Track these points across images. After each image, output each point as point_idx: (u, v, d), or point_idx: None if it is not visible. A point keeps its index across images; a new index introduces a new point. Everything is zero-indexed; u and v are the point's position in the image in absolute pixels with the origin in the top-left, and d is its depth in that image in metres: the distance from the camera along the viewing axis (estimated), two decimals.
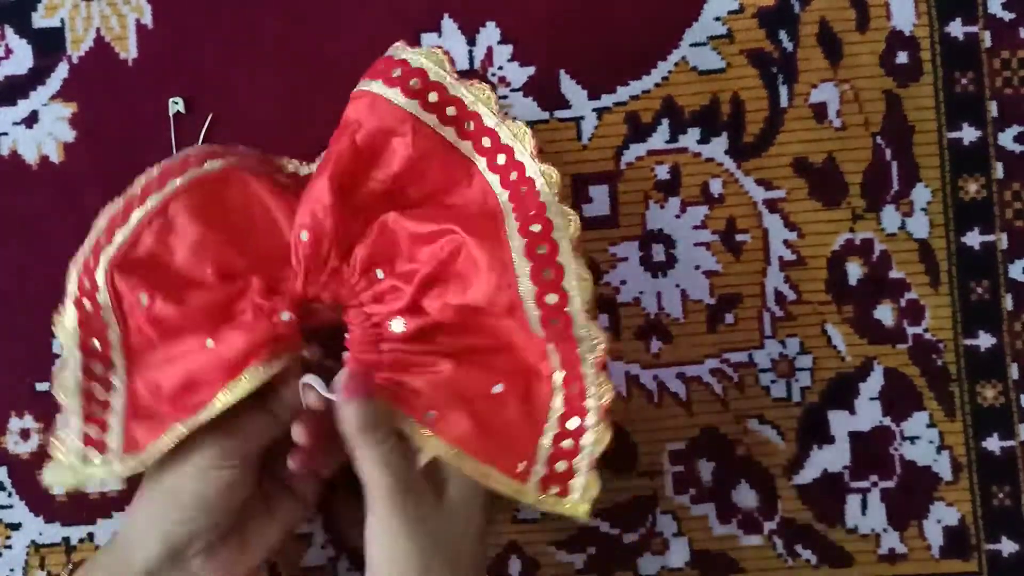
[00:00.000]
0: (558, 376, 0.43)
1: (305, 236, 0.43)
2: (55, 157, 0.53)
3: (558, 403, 0.44)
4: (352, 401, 0.40)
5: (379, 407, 0.41)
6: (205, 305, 0.43)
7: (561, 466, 0.43)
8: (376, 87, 0.45)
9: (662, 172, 0.53)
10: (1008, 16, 0.52)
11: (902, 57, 0.53)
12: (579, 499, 0.43)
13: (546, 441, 0.43)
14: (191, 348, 0.42)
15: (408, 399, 0.43)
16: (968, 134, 0.52)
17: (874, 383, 0.52)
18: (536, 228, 0.42)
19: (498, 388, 0.43)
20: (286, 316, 0.43)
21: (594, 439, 0.43)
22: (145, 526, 0.42)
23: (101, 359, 0.44)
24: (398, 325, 0.43)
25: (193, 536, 0.41)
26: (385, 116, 0.44)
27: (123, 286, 0.43)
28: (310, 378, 0.42)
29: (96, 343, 0.44)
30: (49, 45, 0.53)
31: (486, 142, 0.45)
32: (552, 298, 0.41)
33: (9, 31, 0.53)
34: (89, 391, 0.43)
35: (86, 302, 0.44)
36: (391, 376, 0.43)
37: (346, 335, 0.45)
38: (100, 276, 0.43)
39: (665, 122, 0.53)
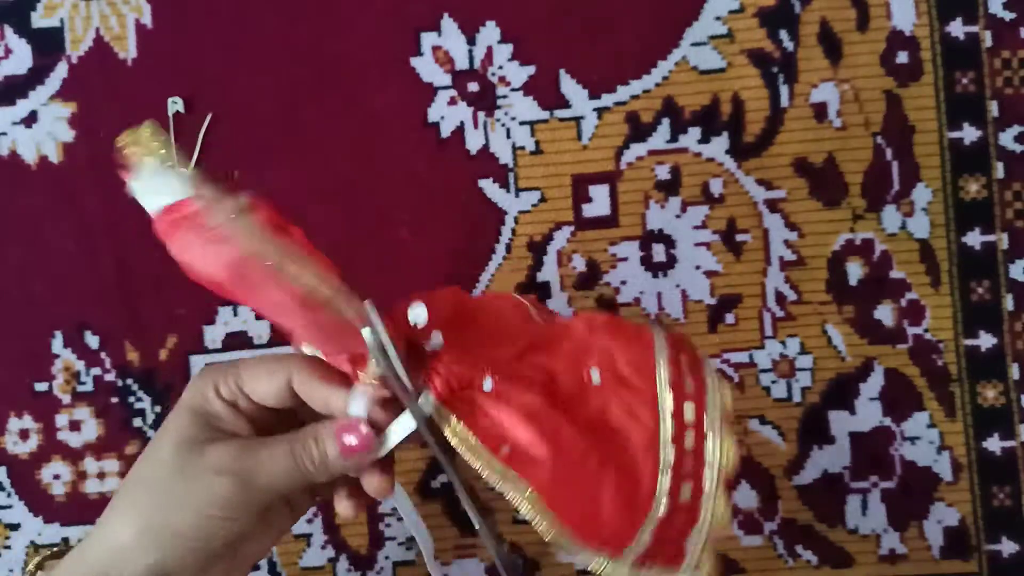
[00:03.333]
0: (664, 480, 0.38)
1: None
2: (54, 157, 0.53)
3: (664, 499, 0.38)
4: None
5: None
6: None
7: (669, 548, 0.37)
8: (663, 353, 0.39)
9: (662, 172, 0.53)
10: (1009, 16, 0.52)
11: (902, 57, 0.52)
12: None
13: (648, 527, 0.37)
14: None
15: (486, 426, 0.37)
16: (969, 134, 0.52)
17: (874, 383, 0.52)
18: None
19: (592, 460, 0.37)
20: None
21: (709, 516, 0.37)
22: (137, 547, 0.37)
23: None
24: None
25: (185, 568, 0.37)
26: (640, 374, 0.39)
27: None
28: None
29: None
30: (48, 45, 0.53)
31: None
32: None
33: (8, 31, 0.53)
34: None
35: None
36: (472, 396, 0.37)
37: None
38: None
39: (665, 122, 0.53)
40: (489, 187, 0.53)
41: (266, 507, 0.38)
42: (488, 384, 0.37)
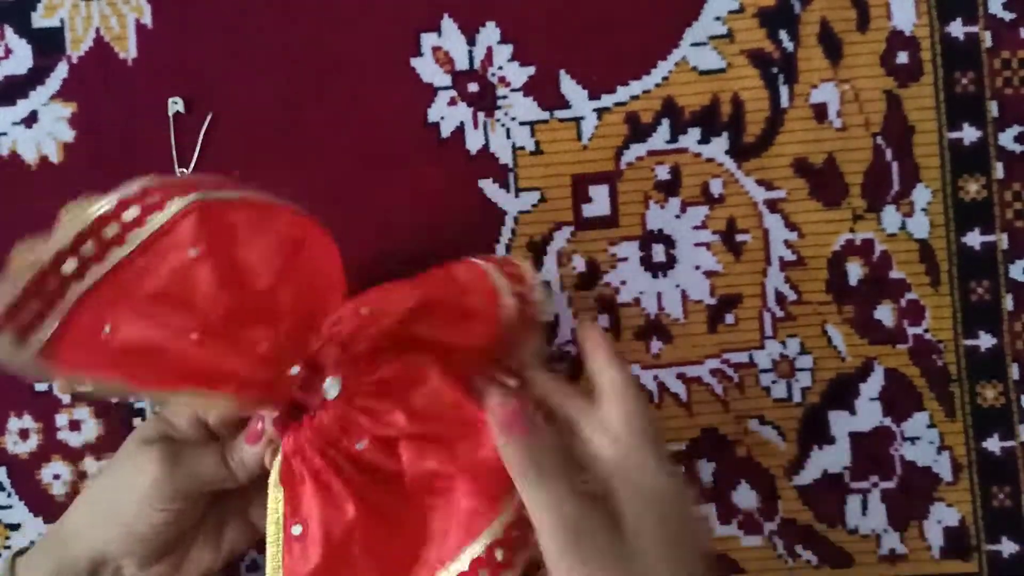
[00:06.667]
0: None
1: (366, 312, 0.40)
2: (55, 157, 0.53)
3: None
4: (513, 440, 0.39)
5: (541, 445, 0.39)
6: (227, 305, 0.38)
7: None
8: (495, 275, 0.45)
9: (662, 172, 0.53)
10: (1009, 16, 0.52)
11: (902, 57, 0.53)
12: None
13: None
14: (177, 325, 0.37)
15: (297, 504, 0.40)
16: (968, 134, 0.52)
17: (874, 383, 0.52)
18: None
19: None
20: (296, 371, 0.40)
21: None
22: (87, 529, 0.42)
23: (93, 258, 0.38)
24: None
25: (126, 554, 0.42)
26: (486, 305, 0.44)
27: (186, 228, 0.38)
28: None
29: (91, 247, 0.38)
30: (49, 45, 0.53)
31: None
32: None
33: (9, 31, 0.53)
34: (57, 265, 0.38)
35: (126, 214, 0.38)
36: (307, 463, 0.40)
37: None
38: (171, 209, 0.38)
39: (665, 122, 0.53)
40: (489, 187, 0.53)
41: (200, 502, 0.43)
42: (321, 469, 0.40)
